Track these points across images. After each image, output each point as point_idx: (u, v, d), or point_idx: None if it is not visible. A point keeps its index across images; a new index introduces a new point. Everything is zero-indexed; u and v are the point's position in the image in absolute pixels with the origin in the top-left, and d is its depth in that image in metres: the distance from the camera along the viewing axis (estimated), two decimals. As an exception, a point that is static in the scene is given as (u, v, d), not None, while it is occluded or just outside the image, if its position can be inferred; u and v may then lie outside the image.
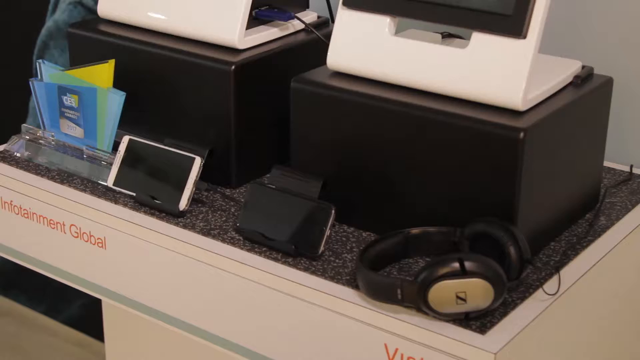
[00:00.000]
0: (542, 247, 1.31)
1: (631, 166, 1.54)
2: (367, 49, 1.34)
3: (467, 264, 1.12)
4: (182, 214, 1.39)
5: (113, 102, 1.48)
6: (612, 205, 1.43)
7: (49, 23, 2.47)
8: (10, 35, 2.63)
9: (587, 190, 1.41)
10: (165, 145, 1.43)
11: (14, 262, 1.58)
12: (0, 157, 1.57)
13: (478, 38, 1.26)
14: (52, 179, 1.50)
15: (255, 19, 1.51)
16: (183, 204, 1.38)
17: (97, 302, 1.85)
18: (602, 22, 1.58)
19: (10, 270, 2.84)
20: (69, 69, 1.54)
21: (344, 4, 1.36)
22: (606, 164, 1.52)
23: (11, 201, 1.52)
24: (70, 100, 1.52)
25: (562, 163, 1.32)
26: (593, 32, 1.59)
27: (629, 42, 1.56)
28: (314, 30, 1.54)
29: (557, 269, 1.25)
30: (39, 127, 1.59)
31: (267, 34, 1.52)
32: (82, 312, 2.73)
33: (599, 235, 1.35)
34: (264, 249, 1.30)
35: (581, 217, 1.40)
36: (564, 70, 1.35)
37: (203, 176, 1.39)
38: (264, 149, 1.51)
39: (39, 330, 2.82)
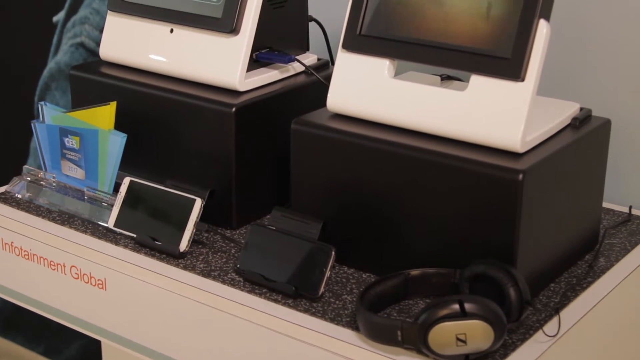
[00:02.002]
0: (542, 289, 1.31)
1: (630, 207, 1.54)
2: (366, 91, 1.35)
3: (467, 306, 1.12)
4: (182, 255, 1.39)
5: (114, 144, 1.49)
6: (611, 247, 1.43)
7: (51, 64, 2.49)
8: (12, 76, 2.65)
9: (586, 231, 1.41)
10: (166, 186, 1.44)
11: (13, 303, 1.58)
12: (1, 198, 1.58)
13: (477, 80, 1.27)
14: (53, 220, 1.51)
15: (256, 62, 1.52)
16: (183, 245, 1.38)
17: (97, 343, 1.84)
18: (599, 64, 1.59)
19: (10, 311, 2.83)
20: (71, 111, 1.55)
21: (344, 46, 1.37)
22: (605, 205, 1.52)
23: (12, 242, 1.52)
24: (72, 141, 1.53)
25: (561, 204, 1.33)
26: (591, 74, 1.60)
27: (627, 84, 1.58)
28: (314, 72, 1.56)
29: (557, 310, 1.25)
30: (39, 167, 1.60)
31: (267, 76, 1.53)
32: (81, 353, 2.72)
33: (599, 277, 1.35)
34: (264, 290, 1.31)
35: (580, 258, 1.40)
36: (562, 113, 1.36)
37: (203, 217, 1.40)
38: (265, 189, 1.52)
39: (37, 371, 2.82)
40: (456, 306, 1.12)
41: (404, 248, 1.32)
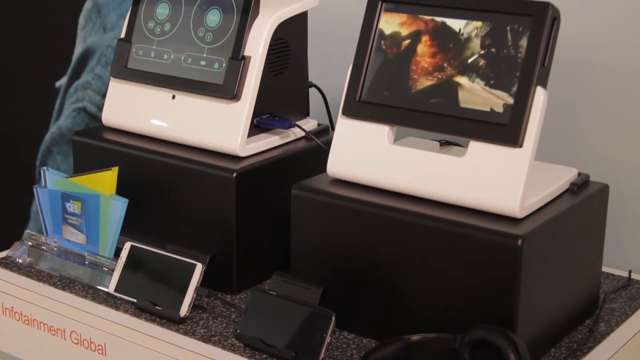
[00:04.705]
0: (542, 354, 1.31)
1: (630, 271, 1.55)
2: (366, 156, 1.36)
3: (468, 372, 1.12)
4: (182, 321, 1.39)
5: (116, 209, 1.50)
6: (611, 311, 1.43)
7: (52, 129, 2.51)
8: (13, 140, 2.66)
9: (586, 296, 1.41)
10: (166, 251, 1.44)
11: (13, 369, 1.57)
12: (2, 263, 1.58)
13: (475, 147, 1.28)
14: (54, 285, 1.51)
15: (256, 127, 1.54)
16: (184, 310, 1.38)
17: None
18: (596, 130, 1.61)
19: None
20: (73, 176, 1.56)
21: (344, 112, 1.38)
22: (605, 269, 1.52)
23: (12, 308, 1.52)
24: (73, 206, 1.54)
25: (560, 269, 1.33)
26: (588, 139, 1.62)
27: (624, 149, 1.59)
28: (314, 138, 1.57)
29: (557, 376, 1.24)
30: (40, 231, 1.60)
31: (268, 141, 1.54)
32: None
33: (599, 342, 1.35)
34: (264, 355, 1.30)
35: (581, 323, 1.40)
36: (560, 178, 1.37)
37: (204, 282, 1.40)
38: (265, 254, 1.52)
39: None
40: (457, 372, 1.12)
41: (404, 313, 1.32)
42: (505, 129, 1.26)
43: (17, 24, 2.56)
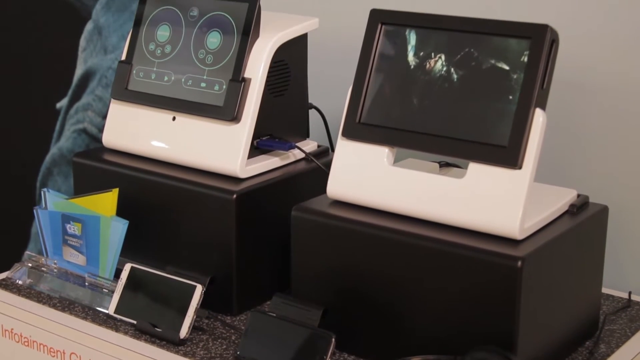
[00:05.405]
0: (543, 376, 1.31)
1: (629, 293, 1.55)
2: (366, 178, 1.36)
3: (468, 394, 1.12)
4: (182, 342, 1.39)
5: (116, 230, 1.50)
6: (611, 333, 1.43)
7: (53, 150, 2.51)
8: (14, 161, 2.67)
9: (586, 317, 1.41)
10: (166, 272, 1.44)
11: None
12: (2, 285, 1.58)
13: (475, 168, 1.29)
14: (54, 306, 1.51)
15: (256, 149, 1.54)
16: (184, 332, 1.38)
17: None
18: (596, 151, 1.61)
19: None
20: (73, 198, 1.56)
21: (344, 134, 1.39)
22: (604, 290, 1.52)
23: (12, 329, 1.52)
24: (74, 228, 1.54)
25: (560, 291, 1.33)
26: (587, 161, 1.62)
27: (624, 170, 1.59)
28: (314, 159, 1.57)
29: (558, 398, 1.24)
30: (40, 252, 1.61)
31: (268, 163, 1.55)
32: None
33: (600, 363, 1.35)
34: (264, 377, 1.30)
35: (581, 345, 1.40)
36: (559, 199, 1.37)
37: (204, 303, 1.40)
38: (265, 276, 1.52)
39: None
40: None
41: (404, 334, 1.31)
42: (504, 151, 1.26)
43: (17, 45, 2.57)
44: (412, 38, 1.36)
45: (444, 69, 1.32)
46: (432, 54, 1.34)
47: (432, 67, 1.33)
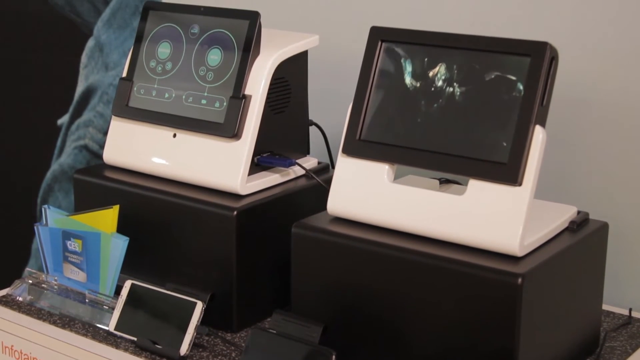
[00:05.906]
0: (544, 393, 1.31)
1: (630, 309, 1.54)
2: (366, 195, 1.37)
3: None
4: (183, 359, 1.39)
5: (116, 247, 1.50)
6: (612, 350, 1.43)
7: (54, 166, 2.51)
8: (14, 177, 2.67)
9: (586, 334, 1.41)
10: (167, 289, 1.44)
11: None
12: (2, 301, 1.58)
13: (475, 185, 1.29)
14: (54, 323, 1.51)
15: (257, 165, 1.54)
16: (184, 349, 1.38)
17: None
18: (596, 168, 1.61)
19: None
20: (74, 214, 1.56)
21: (344, 151, 1.39)
22: (605, 307, 1.52)
23: (12, 346, 1.52)
24: (74, 244, 1.54)
25: (560, 307, 1.33)
26: (587, 178, 1.62)
27: (624, 187, 1.59)
28: (314, 176, 1.58)
29: (558, 415, 1.24)
30: (41, 268, 1.61)
31: (268, 179, 1.55)
32: None
33: (600, 380, 1.35)
34: (264, 394, 1.30)
35: (581, 362, 1.40)
36: (559, 216, 1.37)
37: (204, 320, 1.40)
38: (265, 293, 1.52)
39: None
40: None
41: (404, 351, 1.31)
42: (504, 168, 1.26)
43: (18, 62, 2.58)
44: (412, 55, 1.36)
45: (444, 85, 1.33)
46: (432, 71, 1.34)
47: (432, 84, 1.34)
